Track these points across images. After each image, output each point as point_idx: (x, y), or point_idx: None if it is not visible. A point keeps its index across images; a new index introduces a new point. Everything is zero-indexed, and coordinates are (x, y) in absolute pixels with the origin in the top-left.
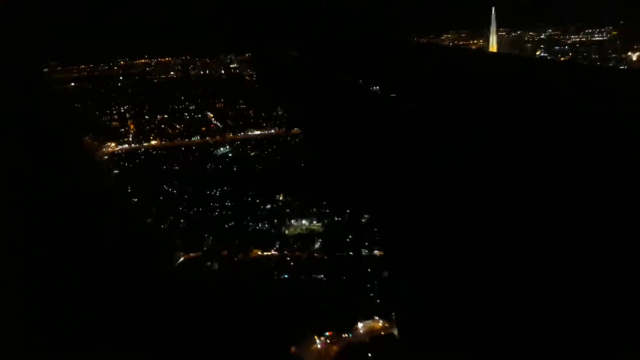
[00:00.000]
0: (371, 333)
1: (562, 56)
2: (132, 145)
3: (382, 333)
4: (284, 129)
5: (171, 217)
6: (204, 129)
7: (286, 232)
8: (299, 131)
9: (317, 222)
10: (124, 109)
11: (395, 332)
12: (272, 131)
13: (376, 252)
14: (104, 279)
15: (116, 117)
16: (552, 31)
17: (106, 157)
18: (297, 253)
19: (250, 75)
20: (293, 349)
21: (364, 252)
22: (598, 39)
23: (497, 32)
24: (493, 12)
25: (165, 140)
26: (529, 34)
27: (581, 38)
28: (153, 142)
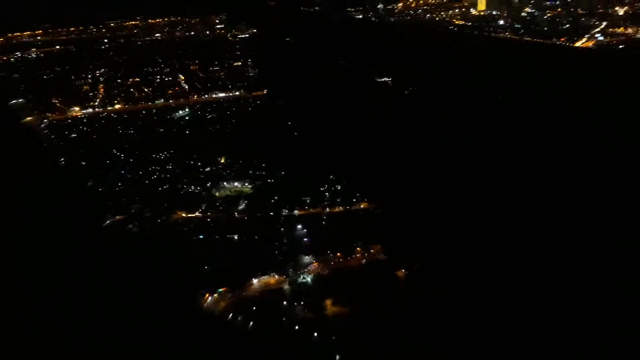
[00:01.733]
0: (265, 287)
1: (551, 10)
2: (96, 109)
3: (275, 287)
4: (247, 91)
5: (109, 181)
6: (170, 91)
7: (216, 194)
8: (264, 93)
9: (249, 184)
10: (99, 72)
11: (287, 286)
12: (237, 93)
13: (296, 211)
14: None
15: (90, 80)
16: None
17: (69, 121)
18: (218, 214)
19: (234, 36)
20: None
21: (284, 212)
22: None
23: None
24: None
25: (129, 104)
26: None
27: None
28: (117, 107)
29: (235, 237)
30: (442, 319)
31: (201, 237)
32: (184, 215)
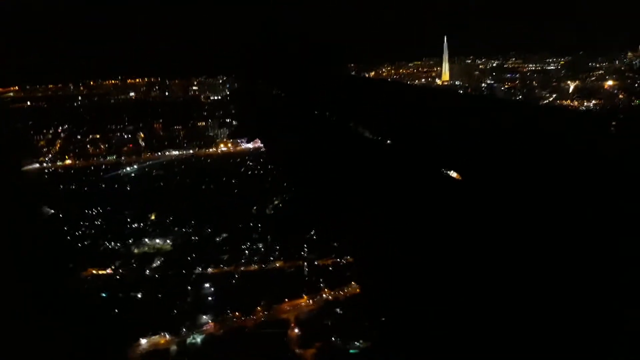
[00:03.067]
0: (152, 347)
1: (508, 82)
2: (44, 164)
3: (162, 348)
4: (199, 149)
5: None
6: (125, 149)
7: (135, 250)
8: (216, 151)
9: (171, 242)
10: (62, 128)
11: (174, 346)
12: (191, 151)
13: (210, 269)
14: None
15: (50, 137)
16: (515, 59)
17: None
18: (128, 272)
19: (207, 98)
20: None
21: (198, 270)
22: (551, 67)
23: (449, 60)
24: (445, 41)
25: (80, 160)
26: (483, 62)
27: (537, 67)
28: (67, 162)
29: (139, 296)
30: None
31: (104, 295)
32: (94, 272)
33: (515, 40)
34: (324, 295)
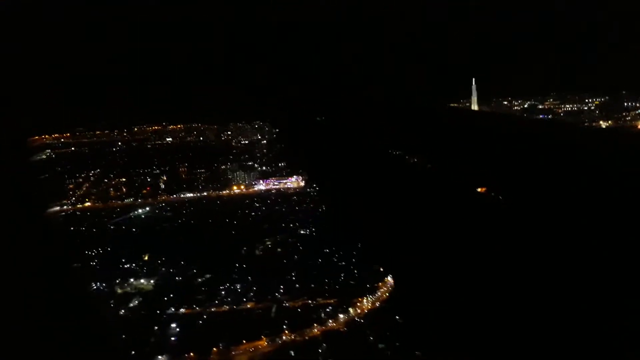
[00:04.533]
0: None
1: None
2: (65, 207)
3: None
4: (213, 191)
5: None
6: (144, 191)
7: (118, 290)
8: (229, 193)
9: (154, 281)
10: (93, 172)
11: None
12: (205, 194)
13: (182, 310)
14: None
15: (80, 180)
16: (553, 100)
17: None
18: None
19: (238, 142)
20: None
21: (170, 310)
22: (584, 108)
23: (479, 102)
24: (473, 82)
25: (98, 202)
26: (518, 103)
27: (573, 108)
28: (87, 204)
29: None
30: None
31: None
32: None
33: (560, 80)
34: (283, 337)
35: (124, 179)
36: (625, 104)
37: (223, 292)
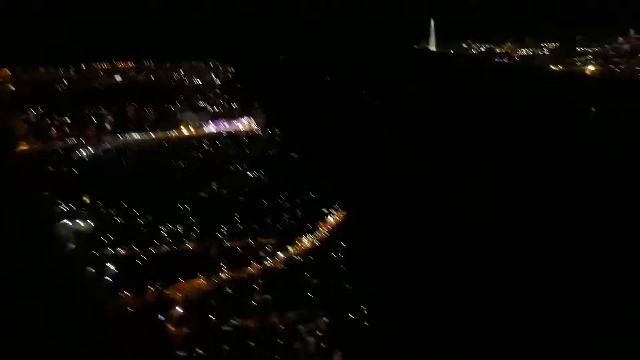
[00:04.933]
0: None
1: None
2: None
3: None
4: (161, 131)
5: None
6: (88, 131)
7: (56, 232)
8: (178, 135)
9: (92, 223)
10: (33, 112)
11: None
12: (152, 134)
13: (120, 251)
14: None
15: (22, 120)
16: (512, 44)
17: None
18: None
19: (191, 82)
20: None
21: (109, 251)
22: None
23: (437, 44)
24: (432, 23)
25: (37, 144)
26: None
27: (529, 52)
28: (24, 147)
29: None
30: None
31: None
32: None
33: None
34: (221, 275)
35: (67, 119)
36: (578, 49)
37: (164, 233)
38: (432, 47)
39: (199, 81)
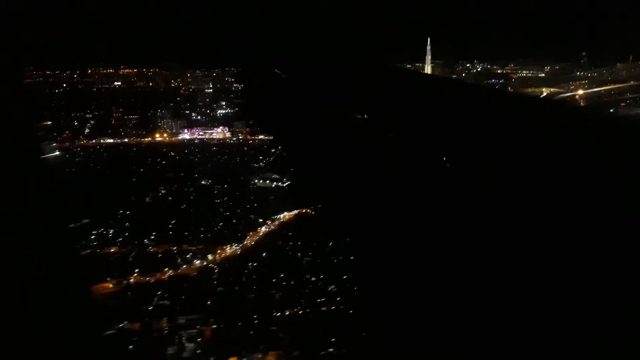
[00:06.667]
0: None
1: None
2: None
3: None
4: (135, 137)
5: None
6: (64, 135)
7: None
8: (150, 141)
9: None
10: None
11: None
12: (125, 140)
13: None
14: None
15: None
16: (514, 65)
17: None
18: None
19: (187, 90)
20: None
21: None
22: (539, 75)
23: (431, 62)
24: (428, 43)
25: None
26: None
27: (529, 73)
28: None
29: None
30: None
31: None
32: None
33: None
34: (130, 279)
35: (48, 122)
36: (578, 73)
37: (92, 237)
38: (428, 66)
39: (195, 89)
